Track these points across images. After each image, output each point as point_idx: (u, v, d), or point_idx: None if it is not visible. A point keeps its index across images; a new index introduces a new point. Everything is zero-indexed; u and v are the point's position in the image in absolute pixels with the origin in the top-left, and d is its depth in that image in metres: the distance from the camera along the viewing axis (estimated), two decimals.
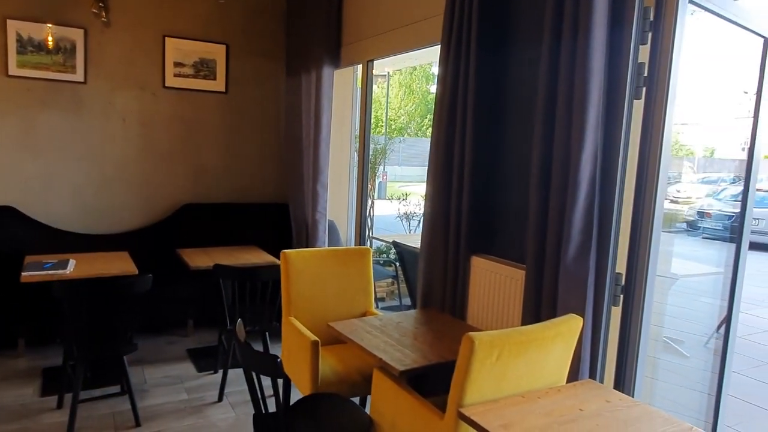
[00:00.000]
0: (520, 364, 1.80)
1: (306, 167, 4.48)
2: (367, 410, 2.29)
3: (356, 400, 2.91)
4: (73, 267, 3.31)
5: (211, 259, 3.78)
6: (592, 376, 2.13)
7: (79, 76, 4.32)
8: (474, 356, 1.69)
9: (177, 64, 4.64)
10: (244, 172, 5.07)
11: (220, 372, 3.64)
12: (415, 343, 2.28)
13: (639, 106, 2.03)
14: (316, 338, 2.53)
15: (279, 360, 1.83)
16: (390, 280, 5.86)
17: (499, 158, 2.64)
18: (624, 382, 2.19)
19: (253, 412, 2.07)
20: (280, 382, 3.24)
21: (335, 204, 4.78)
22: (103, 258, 3.65)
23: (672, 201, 13.67)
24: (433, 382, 2.44)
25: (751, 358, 4.54)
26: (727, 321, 2.81)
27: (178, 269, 3.98)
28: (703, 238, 11.19)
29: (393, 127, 23.34)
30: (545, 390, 1.83)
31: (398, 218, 7.71)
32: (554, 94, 2.09)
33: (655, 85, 2.01)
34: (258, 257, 4.06)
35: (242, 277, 3.29)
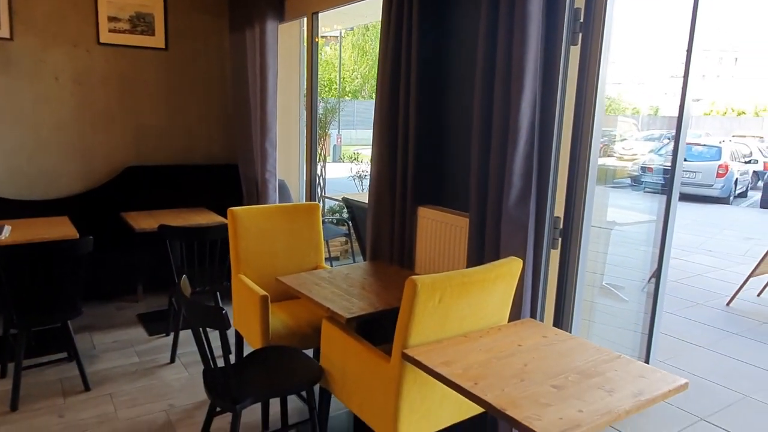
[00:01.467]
0: (462, 305, 1.86)
1: (254, 126, 4.38)
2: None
3: (310, 353, 2.96)
4: (8, 233, 3.16)
5: (157, 221, 3.68)
6: (533, 315, 2.22)
7: (4, 32, 4.03)
8: (416, 299, 1.73)
9: (111, 19, 4.39)
10: (190, 133, 4.91)
11: (172, 334, 3.60)
12: (363, 293, 2.31)
13: (576, 52, 2.07)
14: (265, 293, 2.53)
15: (224, 311, 1.82)
16: (344, 239, 5.88)
17: (443, 110, 2.65)
18: (562, 320, 2.30)
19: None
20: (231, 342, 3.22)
21: (286, 164, 4.71)
22: (41, 223, 3.50)
23: (618, 158, 14.11)
24: (384, 332, 2.50)
25: (684, 299, 4.84)
26: (659, 264, 2.97)
27: (123, 233, 3.86)
28: (645, 191, 11.69)
29: (347, 89, 22.96)
30: (487, 329, 1.90)
31: (351, 178, 7.69)
32: (494, 41, 2.10)
33: (591, 31, 2.04)
34: (207, 218, 3.99)
35: (189, 237, 3.23)
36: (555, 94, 2.04)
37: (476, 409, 2.09)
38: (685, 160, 12.34)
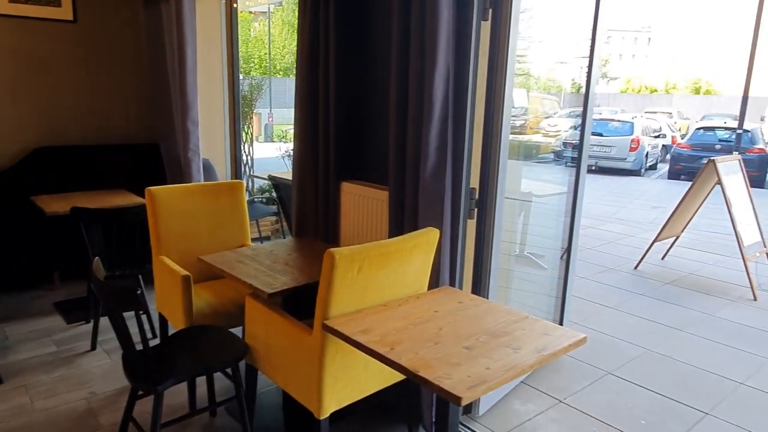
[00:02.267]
0: (381, 275, 1.91)
1: (174, 103, 4.21)
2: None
3: (239, 331, 2.94)
4: None
5: (71, 204, 3.49)
6: (452, 283, 2.32)
7: None
8: (335, 271, 1.77)
9: None
10: (106, 111, 4.65)
11: (92, 321, 3.46)
12: (286, 268, 2.32)
13: (487, 27, 2.13)
14: (187, 273, 2.48)
15: (139, 291, 1.78)
16: (274, 218, 5.82)
17: (362, 85, 2.66)
18: (480, 286, 2.41)
19: None
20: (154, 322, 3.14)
21: (211, 143, 4.58)
22: None
23: (544, 134, 14.69)
24: (311, 306, 2.52)
25: (597, 265, 5.18)
26: (570, 233, 3.16)
27: (34, 218, 3.64)
28: (566, 165, 12.29)
29: (278, 66, 22.36)
30: (406, 298, 1.97)
31: (281, 157, 7.57)
32: (408, 16, 2.12)
33: (501, 7, 2.11)
34: (126, 200, 3.82)
35: (106, 219, 3.10)
36: (468, 69, 2.11)
37: (399, 376, 2.17)
38: (602, 135, 13.05)
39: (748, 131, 11.77)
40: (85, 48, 4.45)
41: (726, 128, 12.58)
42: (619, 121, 13.69)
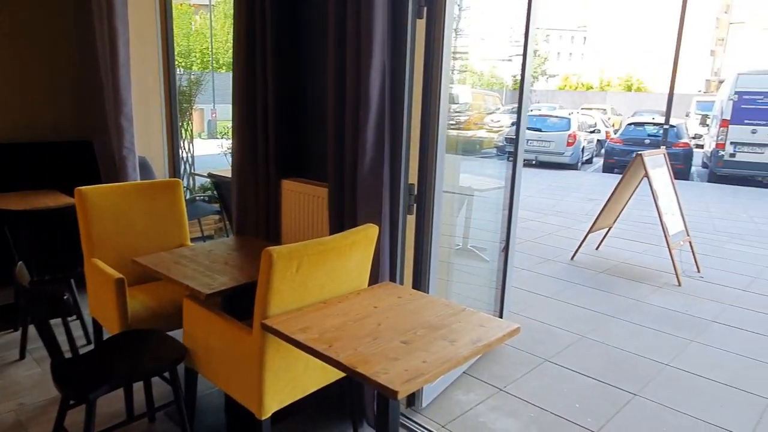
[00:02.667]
0: (320, 273, 1.91)
1: (107, 99, 4.03)
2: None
3: (179, 334, 2.86)
4: None
5: None
6: (392, 278, 2.34)
7: None
8: (273, 269, 1.75)
9: None
10: (36, 107, 4.39)
11: (21, 329, 3.28)
12: (226, 268, 2.28)
13: (422, 25, 2.16)
14: (120, 275, 2.39)
15: (66, 296, 1.70)
16: (217, 216, 5.69)
17: (301, 82, 2.64)
18: (421, 281, 2.45)
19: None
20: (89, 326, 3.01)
21: (148, 140, 4.41)
22: None
23: (487, 130, 15.03)
24: (251, 307, 2.49)
25: (537, 256, 5.37)
26: (508, 226, 3.26)
27: None
28: (508, 160, 12.61)
29: (221, 61, 21.75)
30: (346, 294, 1.98)
31: (223, 154, 7.40)
32: (343, 13, 2.12)
33: (435, 4, 2.14)
34: (56, 200, 3.62)
35: (33, 221, 2.94)
36: (404, 65, 2.13)
37: (342, 373, 2.18)
38: (541, 130, 13.50)
39: (674, 126, 12.47)
40: (6, 38, 4.18)
41: (654, 124, 13.28)
42: (557, 117, 14.19)
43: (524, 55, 2.88)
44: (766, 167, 11.31)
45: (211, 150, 9.16)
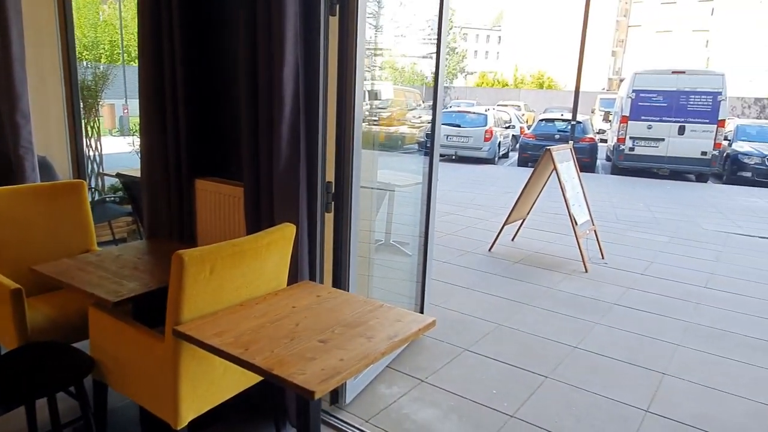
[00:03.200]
0: (236, 275, 1.87)
1: (0, 95, 3.70)
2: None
3: (87, 345, 2.69)
4: None
5: None
6: (312, 277, 2.34)
7: None
8: (185, 273, 1.70)
9: None
10: None
11: None
12: (136, 273, 2.18)
13: (335, 22, 2.16)
14: (18, 286, 2.22)
15: None
16: (130, 218, 5.40)
17: (212, 77, 2.56)
18: (341, 279, 2.46)
19: None
20: None
21: (48, 139, 4.09)
22: None
23: (410, 126, 15.22)
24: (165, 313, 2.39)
25: (456, 249, 5.54)
26: (426, 219, 3.34)
27: None
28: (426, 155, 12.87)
29: (133, 54, 20.50)
30: (264, 296, 1.95)
31: (134, 152, 7.02)
32: (253, 10, 2.08)
33: (347, 2, 2.15)
34: None
35: None
36: (318, 63, 2.12)
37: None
38: (460, 126, 13.91)
39: (581, 122, 13.28)
40: None
41: (563, 120, 14.07)
42: (474, 113, 14.67)
43: (438, 53, 2.96)
44: (660, 160, 12.32)
45: (122, 148, 8.66)
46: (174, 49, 2.43)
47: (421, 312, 3.48)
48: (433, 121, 3.12)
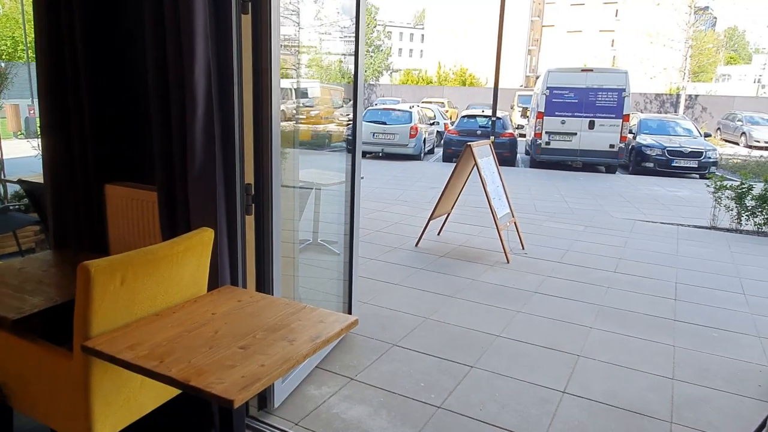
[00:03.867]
0: (150, 284, 1.79)
1: None
2: None
3: None
4: None
5: None
6: (234, 282, 2.28)
7: None
8: (92, 284, 1.60)
9: None
10: None
11: None
12: (40, 287, 2.03)
13: (248, 20, 2.12)
14: None
15: None
16: (38, 227, 5.02)
17: (120, 77, 2.43)
18: (264, 282, 2.42)
19: None
20: None
21: None
22: None
23: (337, 124, 15.17)
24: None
25: (384, 245, 5.60)
26: (350, 216, 3.35)
27: None
28: (348, 152, 12.87)
29: None
30: (182, 304, 1.88)
31: (40, 156, 6.53)
32: (161, 7, 2.00)
33: (260, 0, 2.11)
34: None
35: None
36: (231, 62, 2.07)
37: None
38: (386, 123, 14.04)
39: (501, 118, 13.78)
40: None
41: (484, 116, 14.55)
42: (400, 110, 14.84)
43: (356, 52, 2.97)
44: (574, 153, 13.04)
45: (29, 152, 8.05)
46: (75, 44, 2.28)
47: (349, 310, 3.50)
48: (354, 119, 3.13)
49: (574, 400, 2.80)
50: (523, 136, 17.67)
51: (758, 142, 20.99)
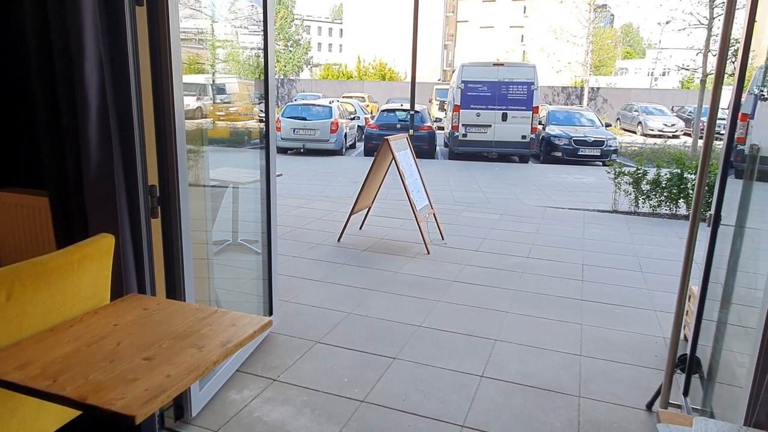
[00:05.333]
0: (43, 297, 1.65)
1: None
2: None
3: None
4: None
5: None
6: (141, 289, 2.16)
7: None
8: None
9: None
10: None
11: None
12: None
13: (143, 12, 2.00)
14: None
15: None
16: None
17: (3, 80, 2.22)
18: (175, 288, 2.31)
19: None
20: None
21: None
22: None
23: (258, 120, 14.78)
24: None
25: (307, 242, 5.54)
26: (267, 214, 3.28)
27: None
28: (277, 150, 12.60)
29: None
30: (81, 316, 1.76)
31: None
32: (43, 3, 1.84)
33: None
34: None
35: None
36: (126, 56, 1.95)
37: None
38: (306, 119, 13.87)
39: (419, 112, 14.03)
40: None
41: (403, 110, 14.74)
42: (320, 105, 14.71)
43: (265, 45, 2.90)
44: (489, 144, 13.53)
45: None
46: None
47: (270, 310, 3.43)
48: (267, 113, 3.06)
49: (492, 383, 2.91)
50: (442, 129, 18.09)
51: (652, 130, 22.81)
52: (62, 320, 1.73)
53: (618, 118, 26.78)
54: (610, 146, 13.73)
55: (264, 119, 3.12)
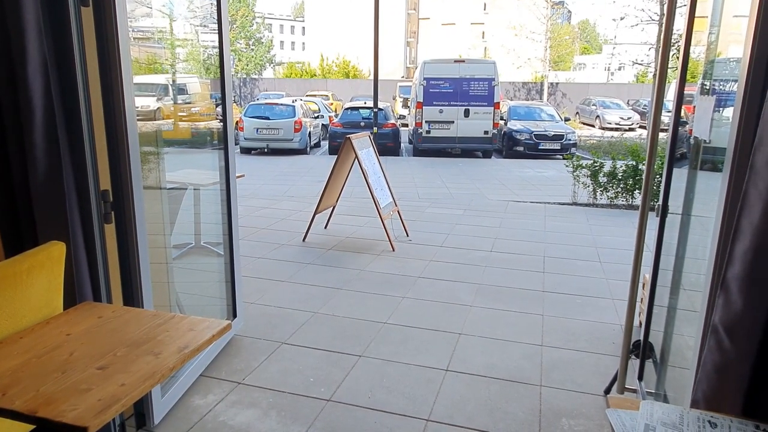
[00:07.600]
0: None
1: None
2: None
3: None
4: None
5: None
6: (97, 297, 2.11)
7: None
8: None
9: None
10: None
11: None
12: None
13: (89, 13, 1.95)
14: None
15: None
16: None
17: None
18: (132, 294, 2.26)
19: None
20: None
21: None
22: None
23: (220, 120, 14.53)
24: None
25: (271, 242, 5.49)
26: (228, 215, 3.24)
27: None
28: (241, 150, 12.47)
29: None
30: (32, 327, 1.71)
31: None
32: None
33: None
34: None
35: None
36: (73, 58, 1.90)
37: None
38: (269, 118, 13.73)
39: (383, 109, 14.05)
40: None
41: (367, 108, 14.74)
42: (283, 104, 14.58)
43: (221, 42, 2.86)
44: (452, 140, 13.68)
45: None
46: None
47: (234, 313, 3.39)
48: (224, 113, 3.02)
49: (457, 376, 2.96)
50: (406, 126, 18.17)
51: (610, 123, 23.46)
52: (11, 332, 1.68)
53: (577, 113, 27.43)
54: (570, 140, 14.06)
55: (222, 118, 3.08)
